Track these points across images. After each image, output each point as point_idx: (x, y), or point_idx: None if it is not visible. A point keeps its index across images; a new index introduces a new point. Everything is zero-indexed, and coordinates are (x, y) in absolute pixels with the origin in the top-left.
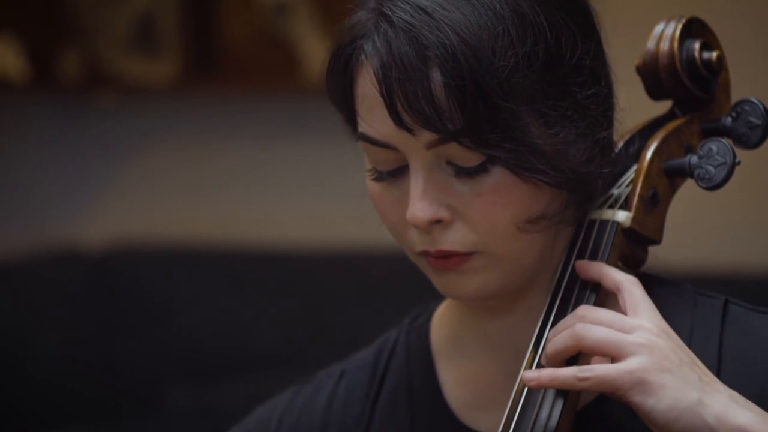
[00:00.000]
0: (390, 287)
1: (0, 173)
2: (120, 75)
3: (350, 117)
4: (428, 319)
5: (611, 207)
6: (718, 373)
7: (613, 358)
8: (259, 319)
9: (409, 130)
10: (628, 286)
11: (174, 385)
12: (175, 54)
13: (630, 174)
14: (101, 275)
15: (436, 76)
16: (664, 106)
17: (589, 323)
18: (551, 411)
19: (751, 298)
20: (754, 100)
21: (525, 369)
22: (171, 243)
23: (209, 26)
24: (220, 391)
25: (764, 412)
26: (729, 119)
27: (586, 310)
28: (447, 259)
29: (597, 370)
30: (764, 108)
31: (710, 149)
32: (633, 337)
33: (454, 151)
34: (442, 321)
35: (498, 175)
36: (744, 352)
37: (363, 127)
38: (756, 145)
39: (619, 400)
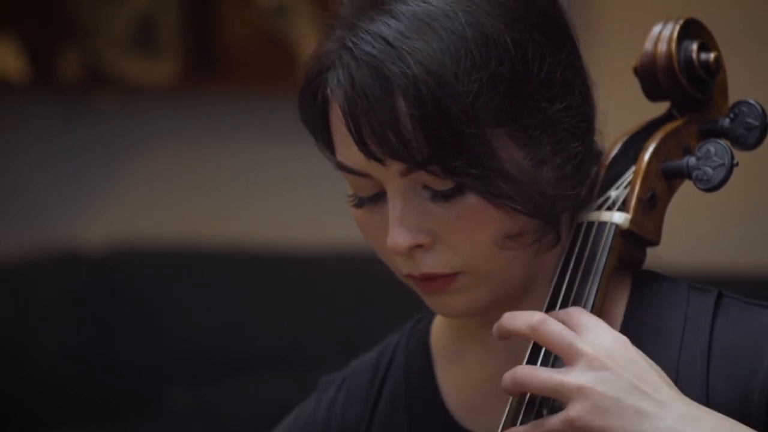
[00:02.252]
0: (390, 287)
1: (0, 173)
2: (120, 75)
3: (327, 146)
4: (429, 323)
5: (609, 209)
6: (708, 366)
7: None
8: (259, 319)
9: (380, 161)
10: (564, 314)
11: (174, 385)
12: (175, 54)
13: (628, 175)
14: (101, 275)
15: (401, 106)
16: (661, 108)
17: (538, 339)
18: (551, 411)
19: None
20: (752, 102)
21: None
22: (171, 243)
23: (209, 26)
24: (220, 391)
25: (722, 419)
26: (727, 120)
27: (539, 320)
28: (432, 281)
29: (546, 424)
30: (762, 109)
31: (708, 150)
32: (572, 377)
33: (427, 177)
34: (441, 325)
35: (474, 197)
36: (732, 346)
37: (339, 156)
38: (754, 146)
39: None
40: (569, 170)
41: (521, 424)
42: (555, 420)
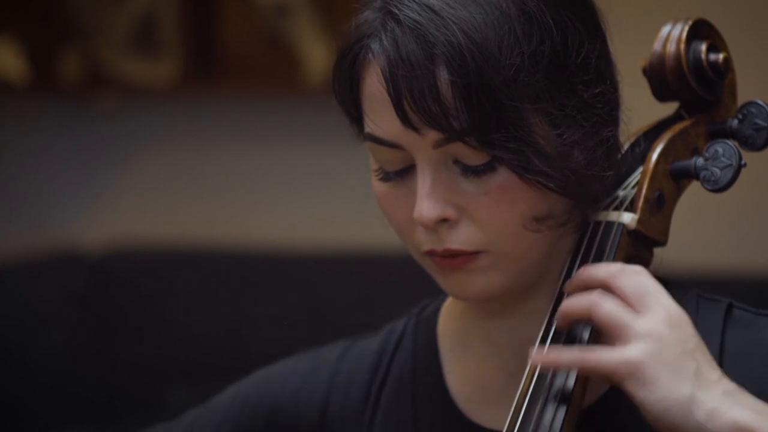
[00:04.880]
0: (390, 288)
1: (0, 173)
2: (120, 76)
3: (356, 117)
4: (436, 312)
5: (617, 209)
6: None
7: (617, 340)
8: (259, 320)
9: (416, 129)
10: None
11: (174, 385)
12: (176, 55)
13: (636, 176)
14: (101, 276)
15: (443, 74)
16: (670, 108)
17: (614, 287)
18: (555, 412)
19: (754, 300)
20: (761, 102)
21: (529, 372)
22: (171, 244)
23: (210, 27)
24: (220, 391)
25: (763, 407)
26: (735, 121)
27: (617, 270)
28: (453, 258)
29: (597, 353)
30: None
31: (716, 151)
32: (640, 321)
33: (461, 150)
34: (448, 315)
35: (505, 174)
36: (744, 353)
37: (370, 126)
38: (762, 147)
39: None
40: (600, 154)
41: (524, 416)
42: (609, 354)
